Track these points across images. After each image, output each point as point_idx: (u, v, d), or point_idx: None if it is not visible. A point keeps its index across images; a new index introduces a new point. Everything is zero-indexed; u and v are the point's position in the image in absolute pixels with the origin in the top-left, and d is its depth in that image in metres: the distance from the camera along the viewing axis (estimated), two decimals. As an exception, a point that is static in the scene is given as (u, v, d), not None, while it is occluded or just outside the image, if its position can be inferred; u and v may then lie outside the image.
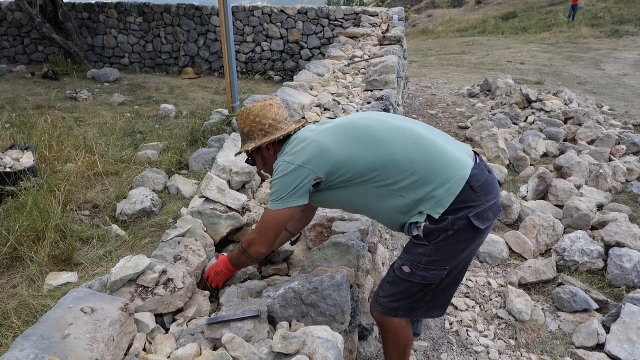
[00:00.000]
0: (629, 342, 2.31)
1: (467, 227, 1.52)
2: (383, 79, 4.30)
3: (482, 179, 1.56)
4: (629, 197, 4.12)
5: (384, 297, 1.70)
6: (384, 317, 1.72)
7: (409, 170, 1.53)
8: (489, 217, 1.56)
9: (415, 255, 1.59)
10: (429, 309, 1.71)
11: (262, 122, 1.68)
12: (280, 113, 1.71)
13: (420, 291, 1.63)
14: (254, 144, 1.69)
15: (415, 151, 1.54)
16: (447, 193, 1.51)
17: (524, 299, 2.74)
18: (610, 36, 15.76)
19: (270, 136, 1.67)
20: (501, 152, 4.87)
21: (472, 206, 1.52)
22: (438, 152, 1.56)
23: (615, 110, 7.29)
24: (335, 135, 1.61)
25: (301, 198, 1.56)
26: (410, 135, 1.59)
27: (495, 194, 1.59)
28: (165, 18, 10.24)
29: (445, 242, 1.54)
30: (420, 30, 23.53)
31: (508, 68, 10.97)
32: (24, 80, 8.47)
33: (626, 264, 2.85)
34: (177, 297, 1.65)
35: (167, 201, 3.52)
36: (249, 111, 1.69)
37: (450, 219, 1.51)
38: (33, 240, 2.84)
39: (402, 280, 1.63)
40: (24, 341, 1.28)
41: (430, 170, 1.52)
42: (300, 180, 1.54)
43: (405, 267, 1.61)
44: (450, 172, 1.52)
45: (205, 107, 6.76)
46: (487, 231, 1.60)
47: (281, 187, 1.56)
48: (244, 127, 1.72)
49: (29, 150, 3.76)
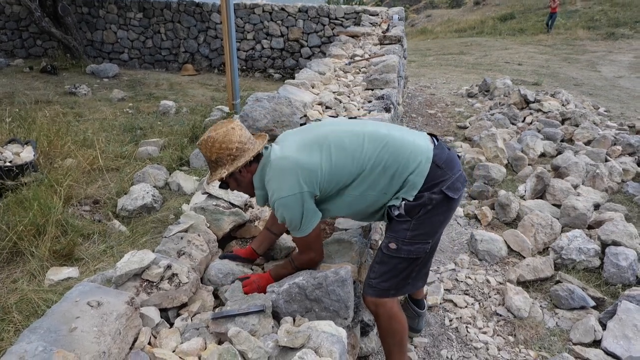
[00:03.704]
0: (625, 339, 2.34)
1: (443, 199, 1.69)
2: (384, 78, 4.30)
3: (444, 156, 1.74)
4: (624, 197, 4.17)
5: (374, 278, 1.80)
6: (377, 299, 1.80)
7: (383, 169, 1.68)
8: (458, 188, 1.74)
9: (400, 231, 1.73)
10: (415, 283, 1.87)
11: (228, 147, 1.66)
12: (244, 134, 1.70)
13: (407, 267, 1.77)
14: (226, 170, 1.67)
15: (383, 150, 1.69)
16: (417, 176, 1.68)
17: (522, 296, 2.77)
18: (606, 38, 15.84)
19: (240, 159, 1.67)
20: (499, 152, 4.90)
21: (442, 180, 1.70)
22: (400, 144, 1.72)
23: (611, 111, 7.35)
24: (310, 149, 1.68)
25: (314, 216, 1.69)
26: (375, 137, 1.73)
27: (459, 167, 1.78)
28: (166, 14, 10.19)
29: (426, 215, 1.70)
30: (419, 29, 23.54)
31: (506, 69, 11.01)
32: (22, 75, 8.41)
33: (622, 262, 2.89)
34: (181, 291, 1.66)
35: (168, 197, 3.53)
36: (213, 139, 1.66)
37: (427, 195, 1.68)
38: (33, 234, 2.84)
39: (390, 257, 1.76)
40: (31, 334, 1.28)
41: (398, 162, 1.68)
42: (303, 204, 1.64)
43: (391, 244, 1.74)
44: (414, 157, 1.69)
45: (205, 104, 6.74)
46: (459, 200, 1.78)
47: (292, 219, 1.66)
48: (210, 155, 1.69)
49: (29, 144, 3.74)
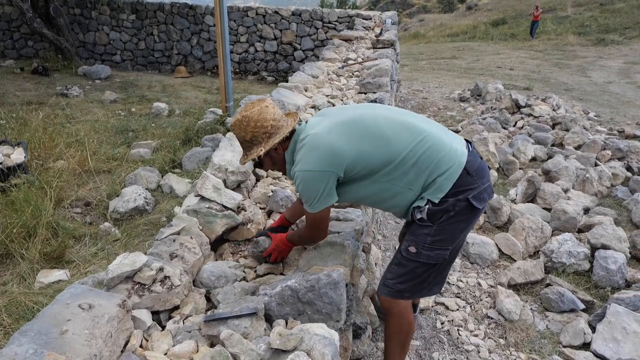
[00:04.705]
0: (614, 341, 2.37)
1: (467, 207, 1.67)
2: (376, 81, 4.33)
3: (476, 164, 1.71)
4: (613, 201, 4.23)
5: (391, 278, 1.81)
6: (391, 299, 1.82)
7: (415, 163, 1.64)
8: (484, 198, 1.72)
9: (421, 236, 1.71)
10: (431, 288, 1.86)
11: (264, 126, 1.67)
12: (277, 112, 1.72)
13: (425, 271, 1.76)
14: (263, 148, 1.68)
15: (419, 144, 1.65)
16: (446, 180, 1.64)
17: (513, 299, 2.79)
18: (596, 44, 16.08)
19: (276, 137, 1.68)
20: (491, 156, 4.95)
21: (470, 189, 1.67)
22: (437, 142, 1.68)
23: (600, 116, 7.46)
24: (345, 133, 1.66)
25: (330, 197, 1.67)
26: (413, 129, 1.69)
27: (488, 177, 1.76)
28: (159, 16, 10.16)
29: (448, 222, 1.67)
30: (411, 34, 23.70)
31: (497, 73, 11.13)
32: (13, 75, 8.32)
33: (611, 266, 2.93)
34: (173, 294, 1.65)
35: (160, 199, 3.51)
36: (248, 118, 1.67)
37: (451, 200, 1.65)
38: (24, 236, 2.81)
39: (409, 261, 1.76)
40: (21, 336, 1.27)
41: (431, 160, 1.65)
42: (325, 183, 1.63)
43: (411, 247, 1.74)
44: (448, 160, 1.65)
45: (198, 106, 6.73)
46: (482, 211, 1.76)
47: (310, 194, 1.66)
48: (245, 135, 1.69)
49: (20, 146, 3.71)
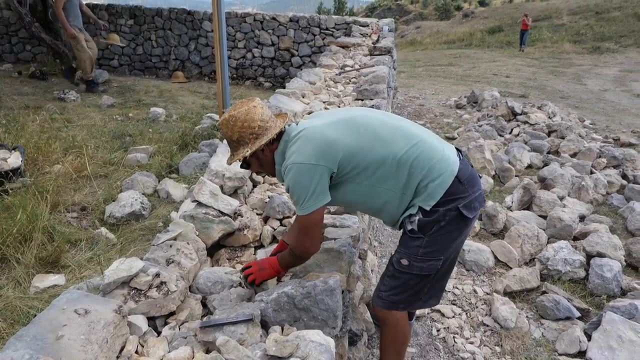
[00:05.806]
0: (609, 349, 2.38)
1: (457, 217, 1.64)
2: (373, 88, 4.36)
3: (468, 173, 1.69)
4: (609, 209, 4.25)
5: (384, 290, 1.78)
6: (385, 310, 1.79)
7: (408, 166, 1.62)
8: (475, 207, 1.69)
9: (412, 248, 1.69)
10: (427, 299, 1.81)
11: (251, 126, 1.62)
12: (265, 112, 1.67)
13: (418, 283, 1.73)
14: (249, 149, 1.64)
15: (413, 148, 1.64)
16: (438, 187, 1.62)
17: (508, 307, 2.80)
18: (592, 52, 16.27)
19: (263, 138, 1.64)
20: (487, 163, 4.98)
21: (460, 197, 1.64)
22: (430, 148, 1.66)
23: (596, 124, 7.52)
24: (340, 128, 1.64)
25: (322, 196, 1.58)
26: (407, 133, 1.68)
27: (479, 186, 1.73)
28: (157, 21, 10.19)
29: (439, 232, 1.65)
30: (408, 41, 23.90)
31: (494, 81, 11.22)
32: (10, 79, 8.30)
33: (607, 274, 2.94)
34: (170, 300, 1.65)
35: (157, 205, 3.50)
36: (235, 117, 1.63)
37: (442, 210, 1.62)
38: (19, 241, 2.79)
39: (402, 273, 1.73)
40: (17, 341, 1.27)
41: (424, 165, 1.63)
42: (317, 179, 1.55)
43: (403, 259, 1.71)
44: (440, 167, 1.63)
45: (196, 112, 6.73)
46: (474, 220, 1.73)
47: (300, 190, 1.57)
48: (231, 135, 1.65)
49: (16, 150, 3.70)
